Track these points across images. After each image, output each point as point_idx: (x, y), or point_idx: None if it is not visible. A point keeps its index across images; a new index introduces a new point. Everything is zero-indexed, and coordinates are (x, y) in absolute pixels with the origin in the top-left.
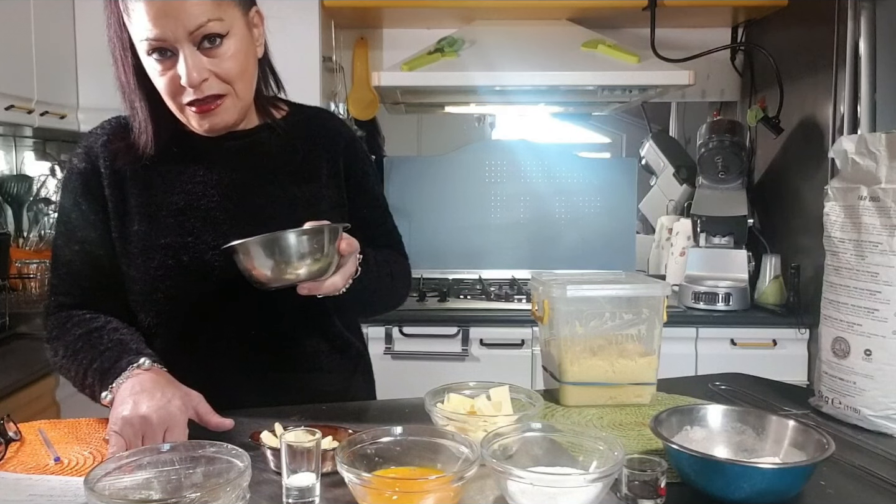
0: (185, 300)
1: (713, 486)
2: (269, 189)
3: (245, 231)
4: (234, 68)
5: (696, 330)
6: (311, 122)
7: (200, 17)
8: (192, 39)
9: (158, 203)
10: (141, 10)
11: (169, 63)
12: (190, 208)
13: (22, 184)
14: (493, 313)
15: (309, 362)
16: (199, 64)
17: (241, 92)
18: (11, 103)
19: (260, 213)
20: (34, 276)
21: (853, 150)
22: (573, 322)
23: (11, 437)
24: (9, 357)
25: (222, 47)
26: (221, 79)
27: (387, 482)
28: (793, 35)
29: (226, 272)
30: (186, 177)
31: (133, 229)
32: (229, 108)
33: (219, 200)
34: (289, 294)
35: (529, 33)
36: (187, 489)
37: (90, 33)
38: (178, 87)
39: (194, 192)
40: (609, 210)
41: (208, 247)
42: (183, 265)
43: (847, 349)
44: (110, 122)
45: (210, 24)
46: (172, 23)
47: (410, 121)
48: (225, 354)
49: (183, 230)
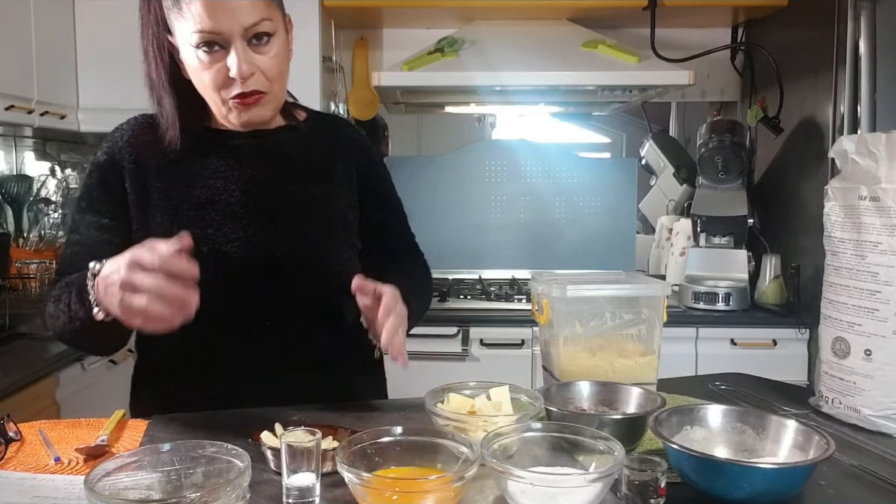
0: (205, 290)
1: (713, 486)
2: (288, 187)
3: (263, 225)
4: (276, 67)
5: (696, 330)
6: (328, 127)
7: (255, 15)
8: (244, 35)
9: (181, 196)
10: (198, 4)
11: (217, 56)
12: (211, 202)
13: (22, 184)
14: (493, 313)
15: (323, 354)
16: (250, 58)
17: (278, 91)
18: (11, 103)
19: (278, 209)
20: (34, 276)
21: (853, 150)
22: (573, 322)
23: (11, 437)
24: (9, 357)
25: (268, 46)
26: (265, 76)
27: (387, 482)
28: (793, 35)
29: (244, 264)
30: (209, 172)
31: (155, 221)
32: (267, 104)
33: (239, 196)
34: (305, 286)
35: (529, 33)
36: (187, 489)
37: (90, 33)
38: (225, 79)
39: (216, 187)
40: (609, 210)
41: (227, 239)
42: (202, 256)
43: (847, 349)
44: (136, 119)
45: (263, 22)
46: (230, 18)
47: (410, 121)
48: (242, 344)
49: (203, 223)
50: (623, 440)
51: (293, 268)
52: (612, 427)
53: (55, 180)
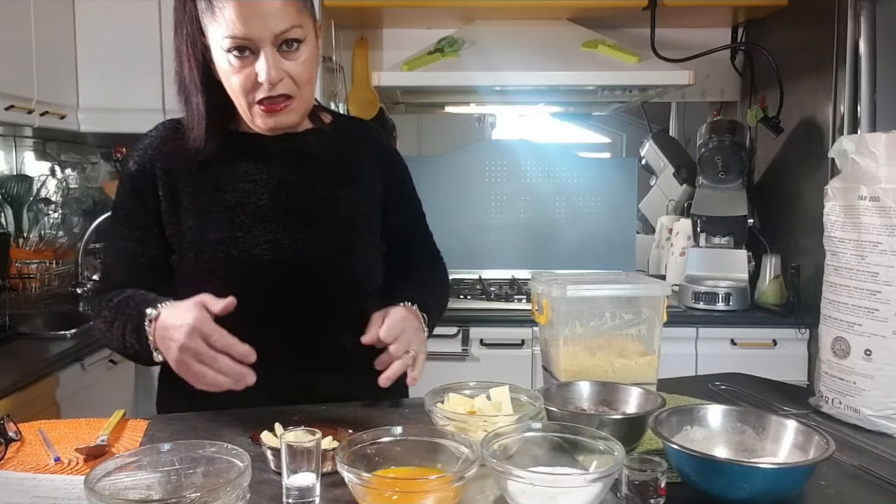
0: (235, 293)
1: (713, 486)
2: (316, 189)
3: (292, 228)
4: (305, 73)
5: (696, 330)
6: (353, 130)
7: (286, 22)
8: (274, 41)
9: (210, 200)
10: (231, 10)
11: (247, 61)
12: (240, 205)
13: (22, 184)
14: (493, 313)
15: (348, 356)
16: (279, 64)
17: (306, 96)
18: (11, 103)
19: (306, 211)
20: (34, 276)
21: (853, 150)
22: (573, 322)
23: (11, 437)
24: (9, 357)
25: (298, 52)
26: (294, 81)
27: (387, 482)
28: (793, 35)
29: (273, 265)
30: (238, 175)
31: (187, 225)
32: (294, 109)
33: (268, 199)
34: (332, 288)
35: (529, 33)
36: (187, 489)
37: (90, 33)
38: (253, 84)
39: (245, 190)
40: (609, 210)
41: (257, 242)
42: (232, 258)
43: (847, 349)
44: (164, 125)
45: (293, 29)
46: (260, 24)
47: (410, 121)
48: (270, 343)
49: (233, 225)
50: (623, 440)
51: (321, 269)
52: (612, 427)
53: (55, 180)
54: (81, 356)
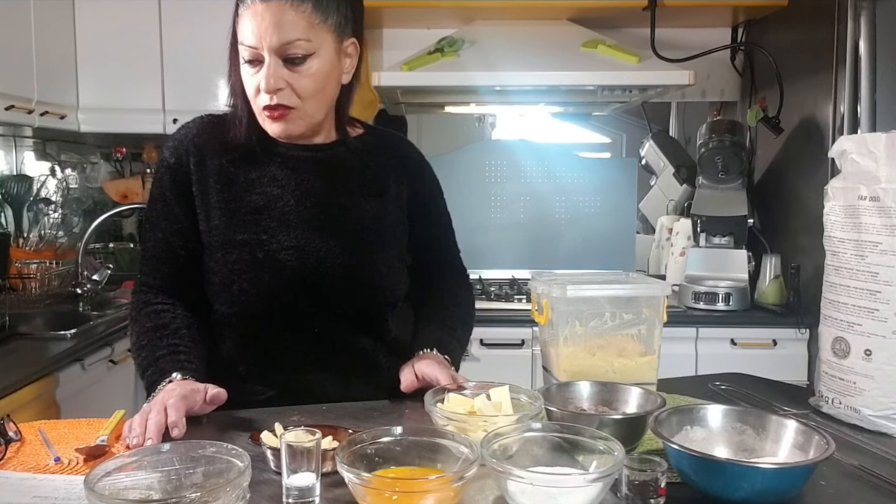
0: (258, 294)
1: (713, 486)
2: (341, 200)
3: (316, 236)
4: (310, 87)
5: (696, 330)
6: (383, 144)
7: (290, 34)
8: (277, 52)
9: (238, 200)
10: (248, 19)
11: (257, 69)
12: (267, 208)
13: (22, 184)
14: (493, 313)
15: (366, 359)
16: (279, 74)
17: (311, 109)
18: (11, 103)
19: (331, 220)
20: (34, 276)
21: (853, 150)
22: (573, 322)
23: (11, 437)
24: (9, 357)
25: (304, 65)
26: (296, 93)
27: (387, 482)
28: (793, 35)
29: (296, 271)
30: (267, 179)
31: (214, 223)
32: (295, 120)
33: (294, 205)
34: (353, 297)
35: (529, 33)
36: (187, 489)
37: (90, 33)
38: (256, 90)
39: (272, 195)
40: (609, 210)
41: (281, 246)
42: (258, 261)
43: (847, 349)
44: (201, 118)
45: (298, 42)
46: (264, 35)
47: (410, 121)
48: (291, 347)
49: (259, 228)
50: (623, 440)
51: (343, 278)
52: (612, 427)
53: (55, 180)
54: (81, 356)
